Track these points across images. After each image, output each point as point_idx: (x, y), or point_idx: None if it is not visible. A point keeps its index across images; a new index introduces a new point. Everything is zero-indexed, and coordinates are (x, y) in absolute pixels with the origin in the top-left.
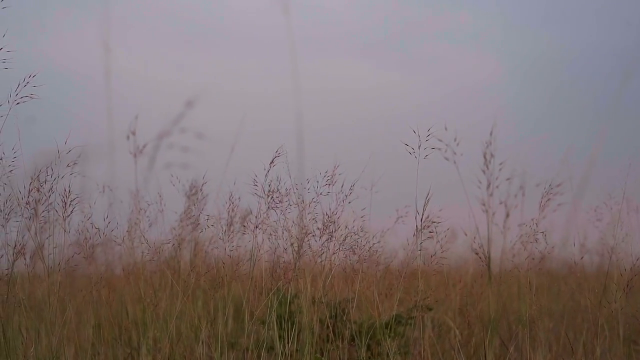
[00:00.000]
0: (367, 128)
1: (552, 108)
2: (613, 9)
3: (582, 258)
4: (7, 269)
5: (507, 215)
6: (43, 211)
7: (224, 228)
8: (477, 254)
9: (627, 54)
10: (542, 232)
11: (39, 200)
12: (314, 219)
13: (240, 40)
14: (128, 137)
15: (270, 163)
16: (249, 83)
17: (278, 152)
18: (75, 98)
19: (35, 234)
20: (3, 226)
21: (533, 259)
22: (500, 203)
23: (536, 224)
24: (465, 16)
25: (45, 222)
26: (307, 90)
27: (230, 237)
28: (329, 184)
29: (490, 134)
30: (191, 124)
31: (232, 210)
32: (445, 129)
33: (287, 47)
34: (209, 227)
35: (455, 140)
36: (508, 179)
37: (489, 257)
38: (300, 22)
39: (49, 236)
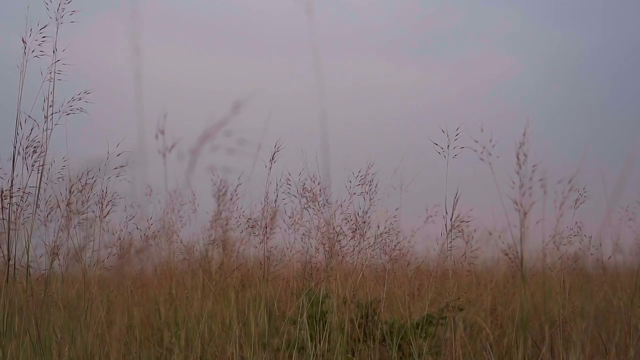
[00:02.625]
0: (390, 126)
1: (568, 105)
2: (623, 6)
3: (609, 258)
4: (45, 269)
5: (525, 214)
6: (83, 213)
7: (257, 228)
8: (506, 254)
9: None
10: (584, 236)
11: (73, 202)
12: (345, 218)
13: (262, 42)
14: (157, 137)
15: (271, 160)
16: (272, 84)
17: (277, 148)
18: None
19: (70, 234)
20: (45, 225)
21: (568, 259)
22: (532, 204)
23: (579, 227)
24: (481, 14)
25: (83, 223)
26: (330, 89)
27: (264, 237)
28: (362, 184)
29: (524, 134)
30: (230, 127)
31: (265, 210)
32: (482, 130)
33: (309, 47)
34: (248, 228)
35: (490, 141)
36: (540, 180)
37: (522, 257)
38: (321, 20)
39: (91, 240)
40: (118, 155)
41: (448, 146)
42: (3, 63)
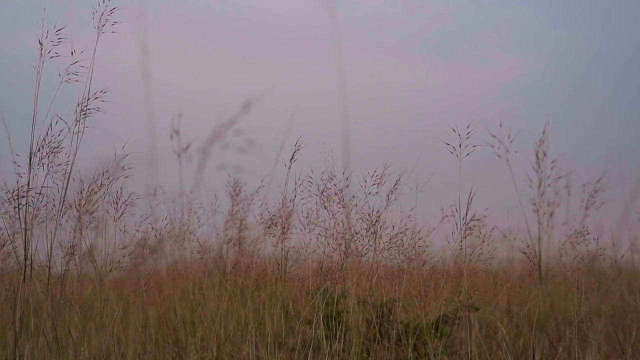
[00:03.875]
0: (400, 125)
1: (575, 104)
2: (630, 6)
3: (622, 257)
4: (66, 270)
5: (551, 214)
6: (93, 212)
7: (274, 228)
8: (524, 253)
9: None
10: (594, 237)
11: (89, 202)
12: (361, 218)
13: (277, 43)
14: (171, 137)
15: (291, 159)
16: (293, 85)
17: (298, 146)
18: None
19: (84, 234)
20: (61, 225)
21: (582, 259)
22: (551, 204)
23: (587, 229)
24: (489, 13)
25: (97, 224)
26: (351, 89)
27: (281, 237)
28: (379, 184)
29: (543, 132)
30: (242, 127)
31: (283, 209)
32: (500, 125)
33: (331, 47)
34: (266, 228)
35: (508, 137)
36: (560, 177)
37: (540, 257)
38: (326, 20)
39: (108, 241)
40: (125, 156)
41: (460, 145)
42: (4, 63)
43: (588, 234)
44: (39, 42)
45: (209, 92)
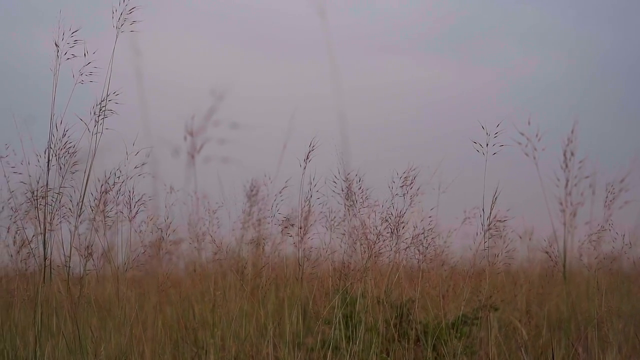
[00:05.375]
0: (406, 124)
1: (583, 103)
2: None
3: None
4: (90, 270)
5: (574, 214)
6: (109, 212)
7: (291, 228)
8: (546, 252)
9: None
10: (616, 233)
11: (105, 202)
12: (382, 218)
13: (281, 45)
14: (185, 138)
15: (306, 159)
16: (292, 87)
17: (312, 146)
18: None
19: (104, 235)
20: (76, 227)
21: (604, 258)
22: (578, 204)
23: (610, 225)
24: (497, 12)
25: (113, 224)
26: (349, 89)
27: (300, 238)
28: (404, 185)
29: (572, 131)
30: (240, 128)
31: (302, 210)
32: (529, 123)
33: (325, 48)
34: (284, 229)
35: (537, 135)
36: (587, 177)
37: (565, 257)
38: (338, 20)
39: (124, 241)
40: (137, 153)
41: (487, 144)
42: (4, 62)
43: (604, 230)
44: (55, 44)
45: (211, 92)
